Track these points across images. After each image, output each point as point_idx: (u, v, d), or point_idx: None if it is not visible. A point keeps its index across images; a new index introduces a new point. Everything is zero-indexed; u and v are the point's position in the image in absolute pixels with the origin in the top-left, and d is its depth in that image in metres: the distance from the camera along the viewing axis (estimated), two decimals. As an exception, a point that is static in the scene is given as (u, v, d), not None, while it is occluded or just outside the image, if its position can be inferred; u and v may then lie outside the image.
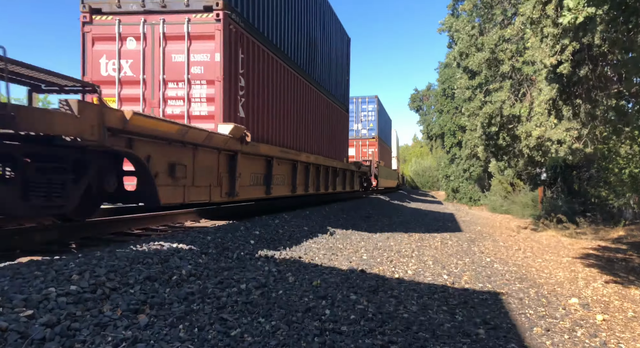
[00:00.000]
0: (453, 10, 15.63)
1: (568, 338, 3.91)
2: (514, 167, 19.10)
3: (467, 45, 12.97)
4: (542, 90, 8.91)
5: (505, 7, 11.55)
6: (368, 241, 7.68)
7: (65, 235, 4.85)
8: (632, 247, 9.85)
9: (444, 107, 32.60)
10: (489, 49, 11.54)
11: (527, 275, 6.43)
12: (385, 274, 5.45)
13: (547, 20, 7.44)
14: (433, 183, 61.08)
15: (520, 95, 12.29)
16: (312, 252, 6.21)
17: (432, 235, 9.81)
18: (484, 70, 12.52)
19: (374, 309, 3.94)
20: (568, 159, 11.65)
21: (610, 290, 5.89)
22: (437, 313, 4.13)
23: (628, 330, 4.35)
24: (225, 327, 3.09)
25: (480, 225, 13.59)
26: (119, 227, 5.74)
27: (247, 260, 5.04)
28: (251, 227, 6.67)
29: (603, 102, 9.35)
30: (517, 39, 10.52)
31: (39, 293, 2.84)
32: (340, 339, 3.18)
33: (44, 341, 2.41)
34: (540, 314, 4.52)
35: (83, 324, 2.66)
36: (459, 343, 3.44)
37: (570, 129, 9.39)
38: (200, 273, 4.12)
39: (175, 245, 4.72)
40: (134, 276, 3.52)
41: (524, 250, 8.99)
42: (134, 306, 3.05)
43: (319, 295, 4.11)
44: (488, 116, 12.63)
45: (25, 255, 3.99)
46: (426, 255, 7.07)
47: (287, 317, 3.45)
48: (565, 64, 7.53)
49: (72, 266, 3.39)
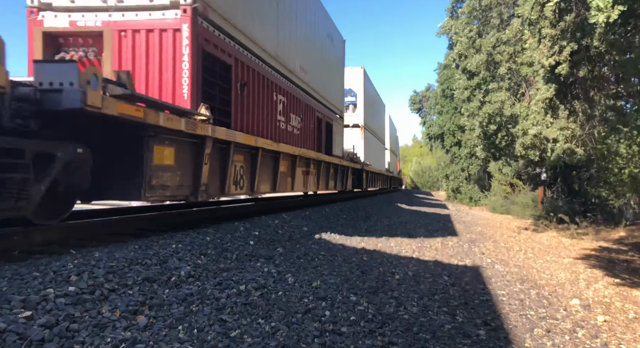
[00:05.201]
0: (452, 13, 15.71)
1: (569, 339, 3.89)
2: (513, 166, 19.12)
3: (465, 47, 13.01)
4: (540, 89, 8.92)
5: (502, 10, 11.58)
6: (368, 242, 7.66)
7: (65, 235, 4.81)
8: (633, 248, 9.83)
9: (444, 108, 32.62)
10: (486, 51, 11.58)
11: (528, 276, 6.41)
12: (386, 275, 5.44)
13: (545, 22, 7.45)
14: (433, 184, 61.11)
15: (519, 95, 12.32)
16: (312, 252, 6.19)
17: (432, 235, 9.79)
18: (482, 72, 12.57)
19: (374, 310, 3.93)
20: (565, 159, 11.65)
21: (611, 291, 5.87)
22: (438, 315, 4.11)
23: (629, 331, 4.34)
24: (224, 328, 3.07)
25: (480, 226, 13.58)
26: (117, 227, 5.71)
27: (247, 260, 5.02)
28: (250, 228, 6.66)
29: (601, 102, 9.36)
30: (515, 41, 10.53)
31: (38, 294, 2.83)
32: (340, 340, 3.17)
33: (43, 342, 2.40)
34: (541, 315, 4.51)
35: (82, 325, 2.65)
36: (459, 344, 3.43)
37: (564, 128, 9.41)
38: (200, 275, 4.11)
39: (174, 245, 4.70)
40: (132, 277, 3.51)
41: (525, 251, 8.97)
42: (132, 307, 3.04)
43: (319, 297, 4.09)
44: (487, 116, 12.66)
45: (24, 255, 3.97)
46: (427, 256, 7.05)
47: (286, 318, 3.44)
48: (564, 64, 7.54)
49: (70, 267, 3.38)
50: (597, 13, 5.10)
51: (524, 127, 10.46)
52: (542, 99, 8.73)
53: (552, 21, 7.29)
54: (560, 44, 7.45)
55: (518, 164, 18.31)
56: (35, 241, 4.27)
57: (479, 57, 11.85)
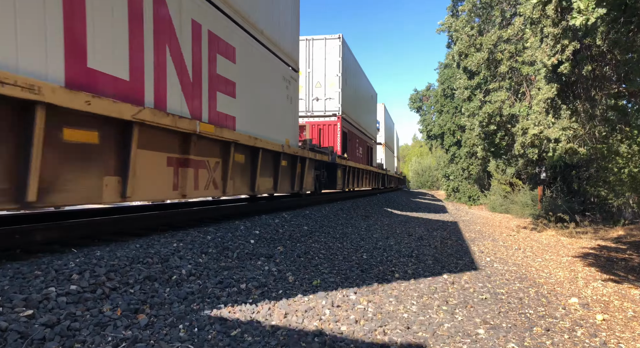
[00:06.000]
0: (452, 11, 15.69)
1: (568, 338, 3.91)
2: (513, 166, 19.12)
3: (466, 45, 12.99)
4: (541, 89, 8.91)
5: (504, 8, 11.56)
6: (368, 241, 7.68)
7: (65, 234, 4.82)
8: (631, 247, 9.86)
9: (444, 107, 32.61)
10: (487, 50, 11.56)
11: (526, 274, 6.43)
12: (385, 274, 5.45)
13: (547, 21, 7.44)
14: (433, 183, 61.15)
15: (519, 95, 12.31)
16: (312, 251, 6.20)
17: (432, 234, 9.80)
18: (482, 71, 12.55)
19: (373, 309, 3.94)
20: (566, 158, 11.66)
21: (610, 290, 5.89)
22: (437, 313, 4.13)
23: (628, 329, 4.36)
24: (225, 327, 3.09)
25: (480, 225, 13.59)
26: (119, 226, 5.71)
27: (248, 259, 5.04)
28: (251, 227, 6.67)
29: (602, 101, 9.36)
30: (517, 40, 10.53)
31: (39, 293, 2.84)
32: (340, 339, 3.18)
33: (44, 341, 2.41)
34: (540, 314, 4.52)
35: (83, 324, 2.66)
36: (459, 343, 3.44)
37: (566, 128, 9.41)
38: (200, 273, 4.12)
39: (175, 244, 4.72)
40: (133, 276, 3.52)
41: (524, 249, 8.99)
42: (134, 306, 3.05)
43: (319, 296, 4.10)
44: (487, 116, 12.65)
45: (25, 254, 3.98)
46: (426, 255, 7.07)
47: (287, 317, 3.45)
48: (566, 63, 7.53)
49: (72, 266, 3.39)
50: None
51: (523, 126, 10.47)
52: (543, 98, 8.72)
53: (554, 20, 7.27)
54: (562, 43, 7.44)
55: (518, 163, 18.33)
56: (36, 240, 4.28)
57: (480, 55, 11.82)
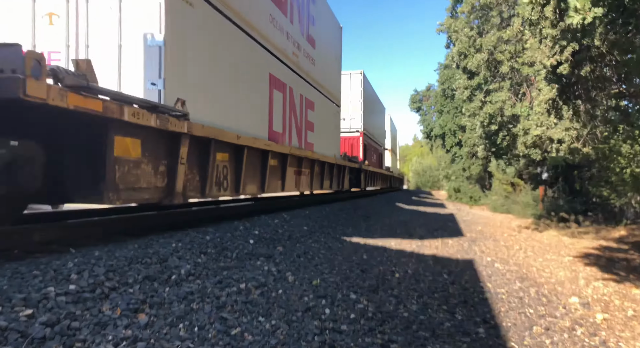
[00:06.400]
0: (452, 13, 15.70)
1: (568, 337, 3.90)
2: (514, 166, 19.12)
3: (465, 46, 13.01)
4: (542, 90, 8.92)
5: (503, 9, 11.58)
6: (368, 241, 7.67)
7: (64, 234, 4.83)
8: (633, 247, 9.83)
9: (444, 108, 32.62)
10: (487, 50, 11.57)
11: (527, 274, 6.42)
12: (386, 274, 5.45)
13: (546, 22, 7.44)
14: (434, 183, 61.09)
15: (520, 95, 12.32)
16: (312, 251, 6.20)
17: (432, 234, 9.80)
18: (482, 71, 12.56)
19: (373, 308, 3.94)
20: (568, 158, 11.65)
21: (610, 290, 5.88)
22: (437, 313, 4.13)
23: (628, 329, 4.35)
24: (225, 326, 3.09)
25: (481, 225, 13.58)
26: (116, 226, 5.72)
27: (247, 259, 5.04)
28: (250, 227, 6.67)
29: (603, 102, 9.36)
30: (516, 41, 10.54)
31: (38, 293, 2.84)
32: (340, 338, 3.18)
33: (45, 340, 2.41)
34: (540, 313, 4.52)
35: (83, 323, 2.66)
36: (459, 342, 3.44)
37: (569, 128, 9.41)
38: (200, 273, 4.12)
39: (174, 244, 4.72)
40: (133, 276, 3.52)
41: (525, 249, 8.98)
42: (133, 305, 3.05)
43: (319, 295, 4.11)
44: (488, 116, 12.66)
45: (23, 254, 3.99)
46: (426, 255, 7.07)
47: (287, 316, 3.45)
48: (565, 64, 7.53)
49: (70, 266, 3.39)
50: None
51: (525, 126, 10.48)
52: (545, 99, 8.74)
53: (552, 21, 7.28)
54: (561, 44, 7.44)
55: (519, 163, 18.32)
56: (34, 240, 4.28)
57: (480, 56, 11.84)
